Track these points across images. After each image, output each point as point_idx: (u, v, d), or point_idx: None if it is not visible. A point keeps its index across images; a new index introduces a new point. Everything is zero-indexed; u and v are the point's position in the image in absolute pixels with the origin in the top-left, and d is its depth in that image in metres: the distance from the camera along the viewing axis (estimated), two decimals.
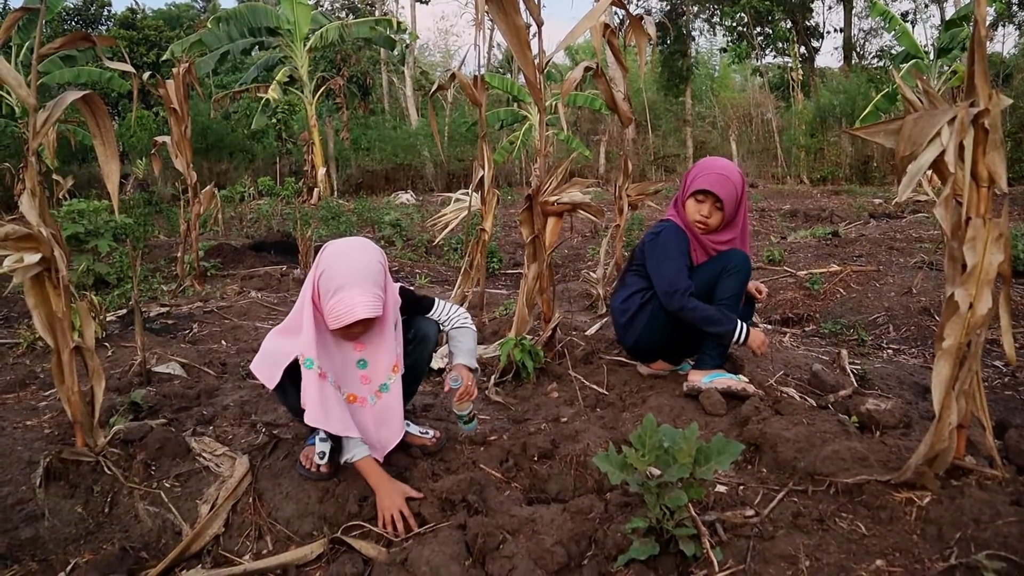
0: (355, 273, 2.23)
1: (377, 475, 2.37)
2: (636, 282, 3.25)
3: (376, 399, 2.48)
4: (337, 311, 2.20)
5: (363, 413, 2.47)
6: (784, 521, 2.08)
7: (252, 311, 5.69)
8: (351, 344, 2.43)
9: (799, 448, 2.46)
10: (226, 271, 7.64)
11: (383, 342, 2.44)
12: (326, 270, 2.24)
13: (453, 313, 2.71)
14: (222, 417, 3.13)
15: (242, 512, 2.41)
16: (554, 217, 3.76)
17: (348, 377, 2.44)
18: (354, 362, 2.45)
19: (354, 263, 2.25)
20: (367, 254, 2.30)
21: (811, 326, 5.18)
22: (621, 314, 3.30)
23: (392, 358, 2.46)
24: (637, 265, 3.27)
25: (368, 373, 2.46)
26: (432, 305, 2.70)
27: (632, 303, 3.24)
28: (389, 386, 2.48)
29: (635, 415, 3.07)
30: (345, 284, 2.20)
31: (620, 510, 2.20)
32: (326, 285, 2.23)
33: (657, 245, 3.10)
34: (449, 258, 9.11)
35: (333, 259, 2.26)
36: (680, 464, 1.93)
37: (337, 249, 2.30)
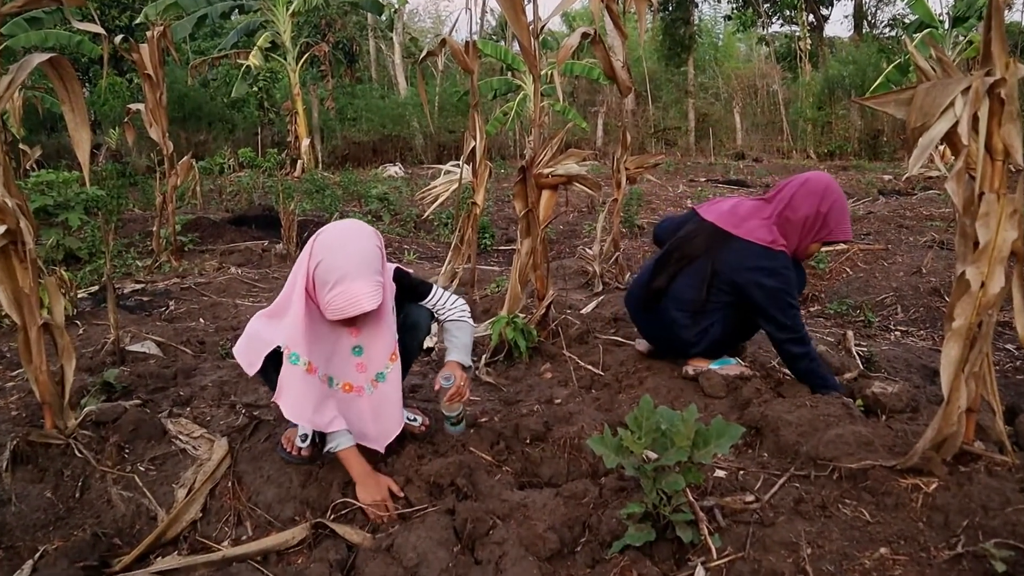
0: (355, 262, 2.19)
1: (359, 467, 2.36)
2: (717, 310, 3.07)
3: (373, 388, 2.46)
4: (338, 304, 2.17)
5: (360, 404, 2.46)
6: (785, 507, 2.09)
7: (232, 288, 5.66)
8: (346, 330, 2.40)
9: (801, 432, 2.47)
10: (204, 246, 7.60)
11: (380, 328, 2.42)
12: (324, 260, 2.20)
13: (450, 303, 2.69)
14: (200, 398, 3.13)
15: (221, 497, 2.41)
16: (549, 190, 3.74)
17: (343, 365, 2.42)
18: (349, 349, 2.42)
19: (353, 252, 2.21)
20: (365, 240, 2.27)
21: (816, 306, 5.20)
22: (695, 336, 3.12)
23: (390, 345, 2.44)
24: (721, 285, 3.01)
25: (364, 361, 2.44)
26: (428, 292, 2.67)
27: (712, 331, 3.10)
28: (386, 375, 2.46)
29: (631, 396, 3.08)
30: (346, 275, 2.17)
31: (615, 495, 2.21)
32: (324, 276, 2.19)
33: (779, 289, 2.88)
34: (439, 233, 9.09)
35: (330, 248, 2.22)
36: (678, 447, 1.93)
37: (333, 237, 2.26)
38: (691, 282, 3.07)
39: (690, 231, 3.17)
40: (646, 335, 3.42)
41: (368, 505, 2.29)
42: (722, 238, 3.02)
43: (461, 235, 4.91)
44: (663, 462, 1.93)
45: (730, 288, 2.99)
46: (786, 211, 2.96)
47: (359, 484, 2.34)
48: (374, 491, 2.31)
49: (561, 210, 10.48)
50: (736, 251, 2.96)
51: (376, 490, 2.32)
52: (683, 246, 3.15)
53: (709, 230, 3.08)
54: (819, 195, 2.93)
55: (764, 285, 2.89)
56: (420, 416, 2.77)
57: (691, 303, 3.08)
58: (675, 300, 3.13)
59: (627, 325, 3.97)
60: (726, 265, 2.98)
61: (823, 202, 2.92)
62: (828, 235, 2.95)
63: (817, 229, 2.95)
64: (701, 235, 3.10)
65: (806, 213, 2.93)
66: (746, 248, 2.94)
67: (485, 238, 8.11)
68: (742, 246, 2.95)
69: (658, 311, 3.20)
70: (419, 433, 2.72)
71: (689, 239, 3.14)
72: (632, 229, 8.65)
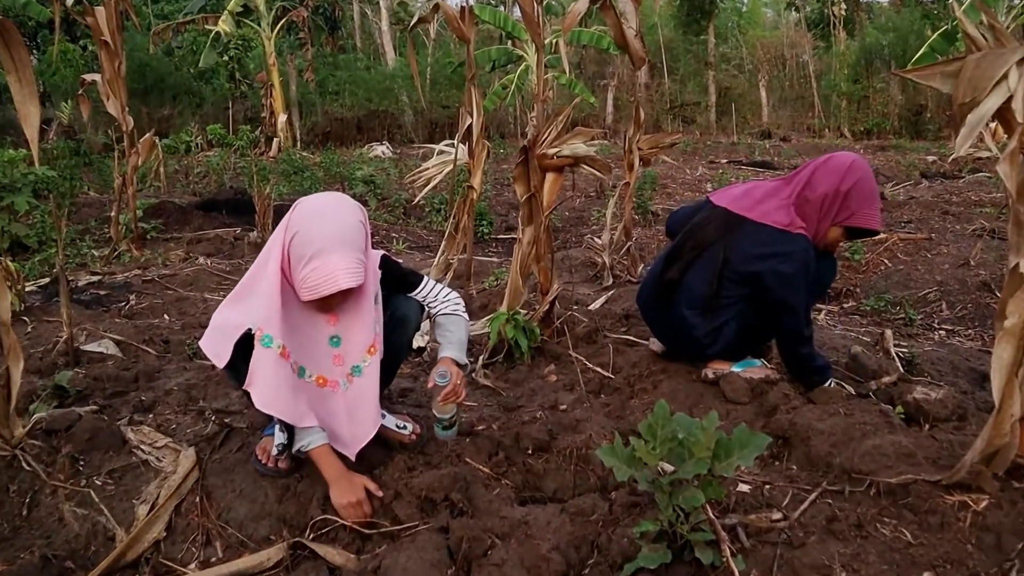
0: (334, 236, 2.20)
1: (333, 466, 2.37)
2: (730, 306, 3.05)
3: (348, 384, 2.46)
4: (313, 280, 2.18)
5: (334, 400, 2.46)
6: (817, 526, 2.09)
7: (200, 280, 5.65)
8: (324, 318, 2.41)
9: (835, 442, 2.47)
10: (169, 234, 7.59)
11: (360, 316, 2.42)
12: (300, 232, 2.21)
13: (442, 296, 2.68)
14: (164, 403, 3.12)
15: (187, 513, 2.40)
16: (553, 173, 3.73)
17: (317, 356, 2.42)
18: (326, 339, 2.43)
19: (333, 224, 2.22)
20: (347, 213, 2.27)
21: (851, 302, 5.20)
22: (707, 336, 3.13)
23: (369, 336, 2.44)
24: (733, 276, 3.01)
25: (341, 352, 2.44)
26: (418, 283, 2.66)
27: (726, 331, 3.10)
28: (363, 369, 2.46)
29: (645, 402, 3.08)
30: (323, 249, 2.17)
31: (627, 511, 2.21)
32: (300, 250, 2.20)
33: (797, 276, 2.89)
34: (431, 220, 9.08)
35: (308, 219, 2.22)
36: (697, 459, 1.93)
37: (312, 207, 2.26)
38: (702, 275, 3.07)
39: (701, 218, 3.17)
40: (659, 335, 3.42)
41: (343, 507, 2.29)
42: (734, 223, 3.01)
43: (456, 222, 4.91)
44: (680, 475, 1.92)
45: (744, 279, 2.98)
46: (805, 191, 2.95)
47: (333, 485, 2.34)
48: (349, 492, 2.32)
49: (567, 195, 10.48)
50: (749, 236, 2.96)
51: (351, 490, 2.32)
52: (694, 235, 3.15)
53: (721, 216, 3.08)
54: (841, 172, 2.91)
55: (780, 272, 2.88)
56: (410, 423, 2.76)
57: (702, 299, 3.07)
58: (686, 296, 3.13)
59: (640, 323, 3.96)
60: (738, 252, 2.97)
61: (845, 180, 2.90)
62: (850, 218, 2.92)
63: (837, 210, 2.92)
64: (713, 222, 3.10)
65: (824, 191, 2.91)
66: (760, 232, 2.94)
67: (482, 226, 8.10)
68: (755, 230, 2.95)
69: (669, 308, 3.20)
70: (409, 442, 2.71)
71: (700, 227, 3.14)
72: (645, 216, 8.65)
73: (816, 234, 2.96)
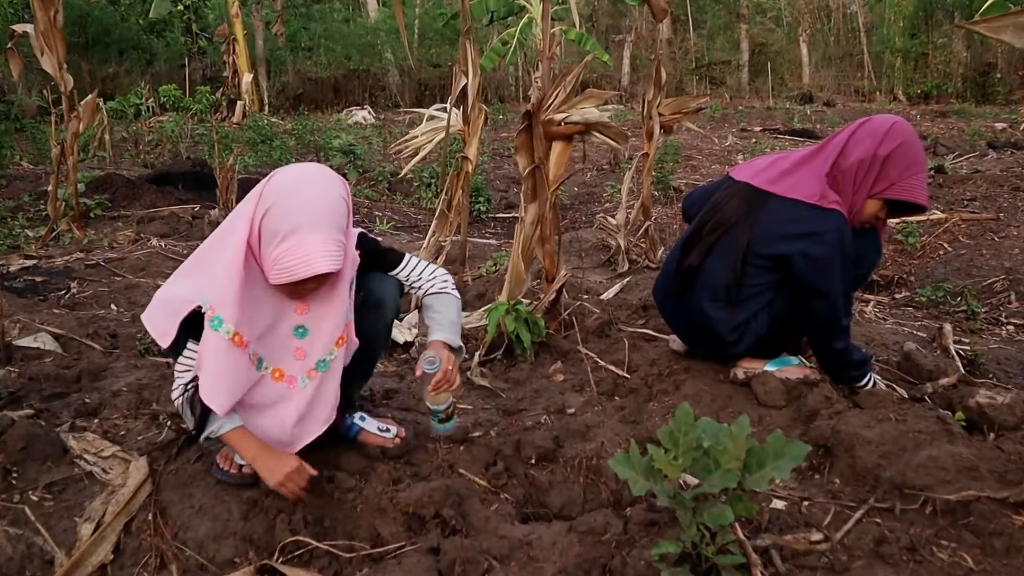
0: (314, 212, 2.20)
1: (253, 444, 2.39)
2: (757, 295, 3.07)
3: (308, 380, 2.47)
4: (287, 262, 2.17)
5: (288, 399, 2.46)
6: (863, 549, 2.10)
7: (153, 265, 5.66)
8: (292, 305, 2.41)
9: (884, 452, 2.48)
10: (117, 211, 7.59)
11: (332, 305, 2.43)
12: (275, 205, 2.20)
13: (427, 274, 2.69)
14: (112, 406, 3.12)
15: (139, 533, 2.41)
16: (561, 142, 3.73)
17: (278, 347, 2.43)
18: (291, 328, 2.43)
19: (314, 199, 2.22)
20: (329, 187, 2.27)
21: (903, 292, 5.20)
22: (732, 332, 3.13)
23: (339, 326, 2.45)
24: (758, 261, 3.00)
25: (305, 344, 2.45)
26: (399, 262, 2.67)
27: (754, 325, 3.10)
28: (329, 363, 2.47)
29: (665, 405, 3.08)
30: (300, 226, 2.17)
31: (644, 530, 2.22)
32: (273, 226, 2.19)
33: (831, 259, 2.87)
34: (420, 196, 9.08)
35: (285, 192, 2.22)
36: (724, 470, 1.93)
37: (291, 178, 2.26)
38: (724, 261, 3.06)
39: (721, 196, 3.16)
40: (679, 332, 3.42)
41: (279, 484, 2.34)
42: (758, 199, 3.00)
43: (448, 199, 4.90)
44: (706, 489, 1.93)
45: (771, 264, 2.97)
46: (839, 159, 2.92)
47: (258, 463, 2.38)
48: (279, 463, 2.36)
49: (576, 167, 10.47)
50: (774, 213, 2.94)
51: (281, 460, 2.37)
52: (714, 215, 3.13)
53: (743, 192, 3.06)
54: (879, 135, 2.87)
55: (811, 255, 2.87)
56: (394, 427, 2.77)
57: (724, 289, 3.07)
58: (706, 286, 3.12)
59: (660, 314, 3.97)
60: (762, 233, 2.96)
61: (883, 144, 2.86)
62: (889, 189, 2.87)
63: (874, 179, 2.88)
64: (734, 199, 3.08)
65: (860, 156, 2.87)
66: (787, 208, 2.92)
67: (479, 203, 8.10)
68: (781, 206, 2.93)
69: (689, 302, 3.20)
70: (393, 448, 2.73)
71: (720, 205, 3.13)
72: (666, 192, 8.66)
73: (852, 208, 2.92)
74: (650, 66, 4.97)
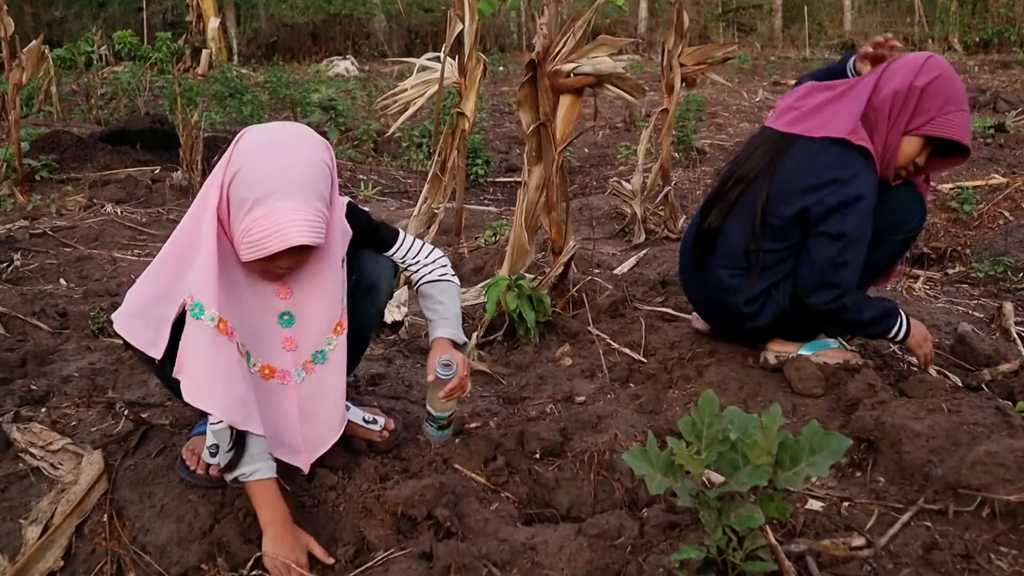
0: (288, 176, 2.14)
1: (274, 509, 2.31)
2: (780, 262, 3.04)
3: (305, 374, 2.44)
4: (257, 233, 2.12)
5: (283, 396, 2.43)
6: (911, 556, 2.10)
7: (108, 234, 5.65)
8: (272, 288, 2.38)
9: (935, 447, 2.47)
10: (66, 174, 7.57)
11: (321, 286, 2.40)
12: (243, 170, 2.15)
13: (424, 256, 2.68)
14: (61, 394, 3.13)
15: (92, 536, 2.40)
16: (569, 96, 3.71)
17: (263, 339, 2.40)
18: (275, 316, 2.40)
19: (288, 161, 2.17)
20: (308, 148, 2.23)
21: (957, 267, 5.19)
22: (749, 303, 3.11)
23: (334, 312, 2.43)
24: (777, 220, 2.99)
25: (293, 333, 2.42)
26: (394, 240, 2.66)
27: (776, 296, 3.07)
28: (327, 354, 2.45)
29: (687, 393, 3.08)
30: (272, 192, 2.12)
31: (663, 533, 2.22)
32: (243, 192, 2.14)
33: (851, 205, 2.86)
34: (410, 158, 9.06)
35: (255, 153, 2.18)
36: (754, 466, 1.93)
37: (261, 139, 2.22)
38: (742, 221, 3.05)
39: (747, 147, 3.16)
40: (697, 307, 3.42)
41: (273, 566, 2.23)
42: (783, 145, 2.98)
43: (442, 161, 4.89)
44: (733, 487, 1.93)
45: (792, 224, 2.95)
46: (872, 95, 2.90)
47: (270, 535, 2.27)
48: (287, 548, 2.25)
49: (587, 125, 10.42)
50: (796, 161, 2.93)
51: (290, 547, 2.25)
52: (737, 167, 3.13)
53: (769, 139, 3.05)
54: (916, 67, 2.86)
55: (827, 203, 2.86)
56: (382, 418, 2.77)
57: (742, 255, 3.06)
58: (723, 251, 3.12)
59: (681, 292, 3.95)
60: (782, 186, 2.94)
61: (920, 74, 2.84)
62: (928, 125, 2.85)
63: (911, 113, 2.86)
64: (760, 148, 3.07)
65: (895, 88, 2.85)
66: (811, 153, 2.91)
67: (477, 165, 8.08)
68: (805, 150, 2.92)
69: (706, 269, 3.20)
70: (380, 442, 2.73)
71: (742, 158, 3.13)
72: (688, 154, 8.63)
73: (886, 149, 2.91)
74: (670, 10, 4.95)
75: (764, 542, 1.96)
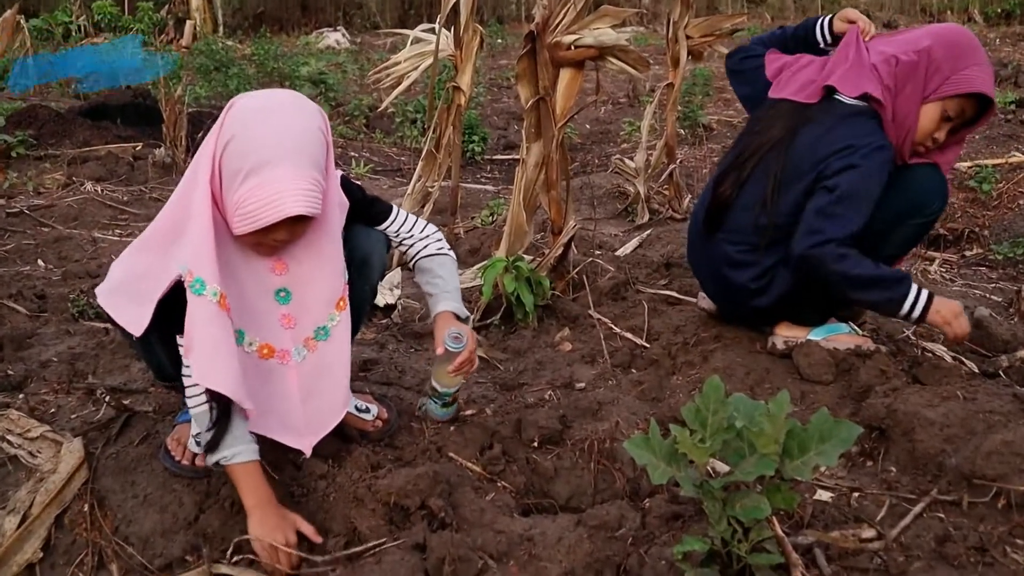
0: (282, 144, 2.13)
1: (257, 492, 2.31)
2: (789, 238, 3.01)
3: (306, 352, 2.44)
4: (251, 204, 2.11)
5: (283, 377, 2.43)
6: (923, 548, 2.10)
7: (88, 213, 5.64)
8: (266, 265, 2.37)
9: (949, 436, 2.48)
10: (43, 150, 7.54)
11: (318, 262, 2.40)
12: (236, 138, 2.13)
13: (419, 231, 2.68)
14: (39, 379, 3.13)
15: (73, 527, 2.41)
16: (570, 69, 3.70)
17: (260, 316, 2.39)
18: (271, 293, 2.40)
19: (282, 129, 2.15)
20: (302, 117, 2.21)
21: (975, 248, 5.19)
22: (755, 279, 3.11)
23: (335, 286, 2.43)
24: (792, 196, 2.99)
25: (292, 311, 2.42)
26: (388, 214, 2.66)
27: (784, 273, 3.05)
28: (330, 331, 2.45)
29: (691, 379, 3.09)
30: (266, 161, 2.10)
31: (665, 524, 2.23)
32: (235, 162, 2.12)
33: (861, 168, 2.86)
34: (403, 134, 9.04)
35: (248, 121, 2.16)
36: (761, 455, 1.93)
37: (254, 106, 2.20)
38: (754, 192, 3.06)
39: (765, 118, 3.14)
40: (702, 282, 3.44)
41: (261, 548, 2.23)
42: (800, 117, 2.99)
43: (437, 137, 4.88)
44: (738, 477, 1.93)
45: (801, 195, 2.96)
46: (882, 65, 2.92)
47: (255, 518, 2.27)
48: (274, 528, 2.25)
49: (588, 100, 10.41)
50: (812, 129, 2.94)
51: (277, 527, 2.25)
52: (752, 138, 3.13)
53: (785, 112, 3.06)
54: (923, 31, 2.92)
55: (834, 167, 2.87)
56: (375, 406, 2.77)
57: (750, 229, 3.07)
58: (731, 228, 3.13)
59: (685, 273, 3.96)
60: (796, 157, 2.95)
61: (928, 36, 2.90)
62: (944, 85, 2.88)
63: (924, 78, 2.88)
64: (778, 122, 3.07)
65: (905, 56, 2.88)
66: (826, 121, 2.93)
67: (473, 142, 8.07)
68: (820, 119, 2.94)
69: (713, 243, 3.20)
70: (373, 431, 2.73)
71: (758, 129, 3.13)
72: (694, 130, 8.61)
73: (901, 123, 2.93)
74: None
75: (770, 534, 1.96)
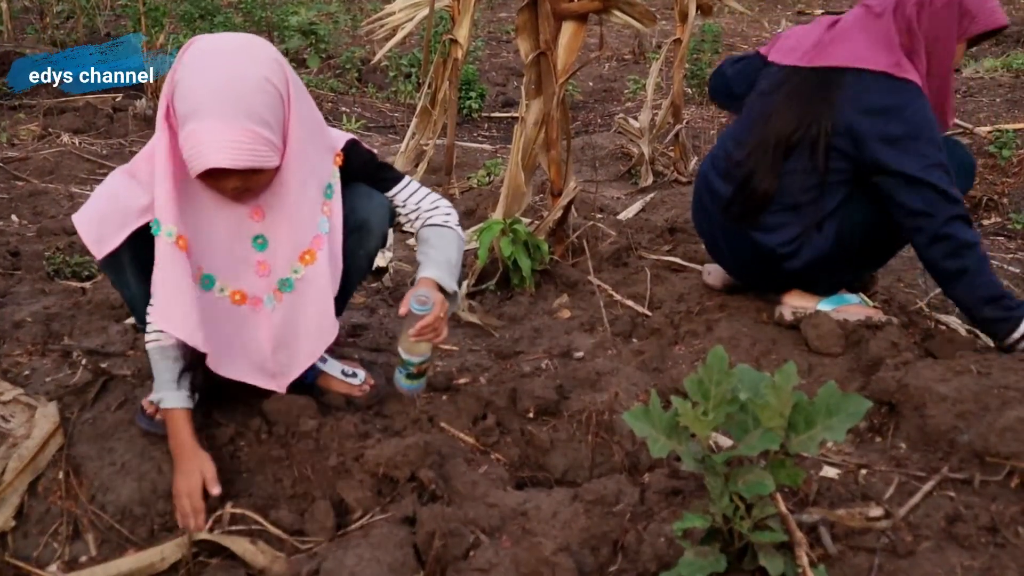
0: (217, 93, 2.15)
1: (178, 438, 2.37)
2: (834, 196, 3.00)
3: (275, 302, 2.48)
4: (185, 151, 2.17)
5: (255, 324, 2.48)
6: (932, 528, 2.10)
7: (64, 167, 5.62)
8: (246, 210, 2.40)
9: (962, 412, 2.47)
10: (17, 100, 7.51)
11: (288, 211, 2.41)
12: (181, 81, 2.18)
13: (428, 202, 2.68)
14: (13, 340, 3.12)
15: (47, 495, 2.41)
16: (573, 23, 3.68)
17: (234, 262, 2.43)
18: (248, 238, 2.43)
19: (221, 76, 2.18)
20: (246, 63, 2.22)
21: (994, 217, 5.19)
22: (788, 243, 3.07)
23: (300, 239, 2.45)
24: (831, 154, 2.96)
25: (267, 258, 2.45)
26: (395, 183, 2.67)
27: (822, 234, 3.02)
28: (293, 283, 2.47)
29: (694, 349, 3.09)
30: (198, 108, 2.14)
31: (665, 500, 2.23)
32: (179, 106, 2.18)
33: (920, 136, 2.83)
34: (397, 89, 9.00)
35: (195, 65, 2.20)
36: (765, 429, 1.93)
37: (205, 49, 2.23)
38: (798, 166, 3.01)
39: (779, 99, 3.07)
40: (717, 254, 3.38)
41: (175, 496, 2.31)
42: (834, 83, 2.96)
43: (432, 93, 4.87)
44: (742, 452, 1.93)
45: (842, 156, 2.94)
46: (907, 22, 2.91)
47: (177, 465, 2.36)
48: (184, 478, 2.32)
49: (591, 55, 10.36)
50: (849, 90, 2.92)
51: (187, 477, 2.31)
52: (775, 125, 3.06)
53: (810, 83, 3.00)
54: None
55: (890, 134, 2.84)
56: (361, 371, 2.78)
57: (785, 192, 3.03)
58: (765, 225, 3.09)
59: (690, 238, 3.95)
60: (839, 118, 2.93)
61: None
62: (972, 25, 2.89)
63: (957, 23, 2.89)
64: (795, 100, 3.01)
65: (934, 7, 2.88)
66: (862, 81, 2.91)
67: (470, 98, 8.04)
68: (857, 81, 2.92)
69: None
70: (360, 396, 2.74)
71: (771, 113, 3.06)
72: (702, 89, 8.55)
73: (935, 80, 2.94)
74: None
75: (774, 511, 1.96)
